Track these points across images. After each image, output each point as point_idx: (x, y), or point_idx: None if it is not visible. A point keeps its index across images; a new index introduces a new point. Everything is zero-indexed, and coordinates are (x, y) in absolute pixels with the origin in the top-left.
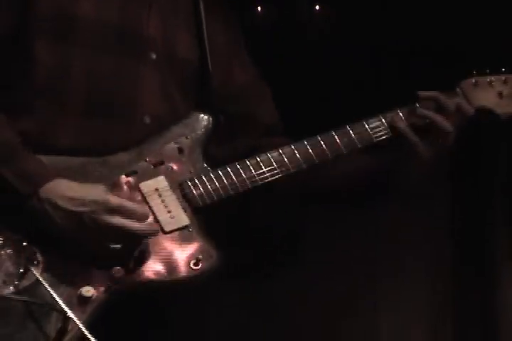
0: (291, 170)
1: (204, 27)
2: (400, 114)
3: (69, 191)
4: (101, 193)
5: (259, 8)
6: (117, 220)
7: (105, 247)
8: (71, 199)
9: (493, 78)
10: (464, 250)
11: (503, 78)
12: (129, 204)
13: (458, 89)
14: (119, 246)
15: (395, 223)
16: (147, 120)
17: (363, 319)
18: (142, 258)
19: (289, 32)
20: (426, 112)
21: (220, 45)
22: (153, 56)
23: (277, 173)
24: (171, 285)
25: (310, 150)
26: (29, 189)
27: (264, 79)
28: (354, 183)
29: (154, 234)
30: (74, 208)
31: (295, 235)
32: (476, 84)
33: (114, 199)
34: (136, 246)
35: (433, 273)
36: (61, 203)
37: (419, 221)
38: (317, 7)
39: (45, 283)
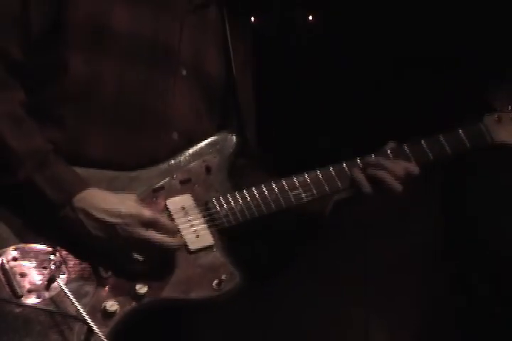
0: (316, 195)
1: (230, 43)
2: (359, 162)
3: (104, 201)
4: (135, 206)
5: (252, 19)
6: (149, 233)
7: (133, 259)
8: (106, 210)
9: None
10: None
11: None
12: (162, 218)
13: (481, 124)
14: (146, 258)
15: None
16: (175, 136)
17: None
18: (166, 276)
19: (282, 43)
20: (377, 173)
21: (240, 59)
22: (184, 72)
23: (302, 197)
24: (193, 304)
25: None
26: (63, 197)
27: None
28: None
29: (181, 250)
30: (108, 219)
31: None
32: (499, 120)
33: (148, 213)
34: (163, 260)
35: (425, 301)
36: (96, 213)
37: (409, 243)
38: (310, 17)
39: (70, 295)
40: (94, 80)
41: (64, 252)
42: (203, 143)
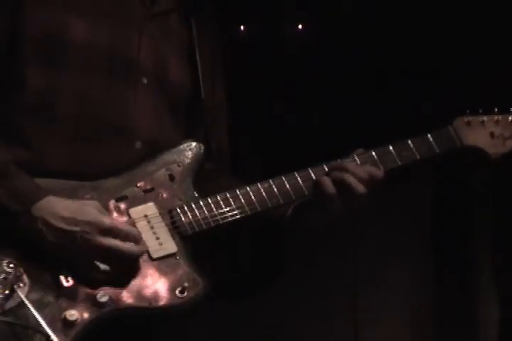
0: (282, 202)
1: (197, 51)
2: (325, 167)
3: (62, 209)
4: (94, 213)
5: (242, 27)
6: (108, 241)
7: (94, 267)
8: (64, 218)
9: (485, 118)
10: (445, 274)
11: (496, 119)
12: (121, 225)
13: (450, 127)
14: (107, 267)
15: (376, 247)
16: (138, 145)
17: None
18: (128, 284)
19: (271, 51)
20: (340, 175)
21: (208, 67)
22: (145, 81)
23: (267, 203)
24: (156, 312)
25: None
26: (21, 207)
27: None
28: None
29: (143, 255)
30: (66, 227)
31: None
32: (468, 124)
33: (107, 220)
34: (125, 268)
35: (414, 297)
36: (54, 222)
37: (400, 243)
38: (300, 26)
39: (30, 306)
40: (53, 93)
41: (25, 262)
42: (167, 152)
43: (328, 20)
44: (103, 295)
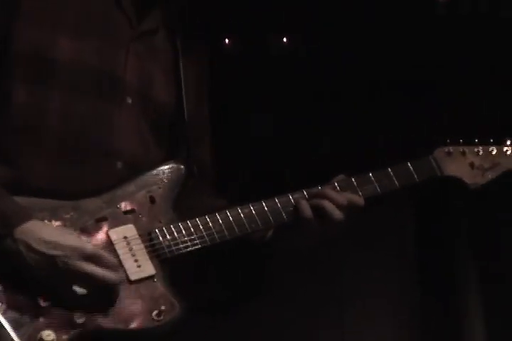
0: (261, 226)
1: (181, 69)
2: (305, 193)
3: (44, 233)
4: (77, 238)
5: (226, 41)
6: (89, 267)
7: (72, 291)
8: (46, 242)
9: (466, 149)
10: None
11: (476, 150)
12: (103, 253)
13: (431, 157)
14: (85, 291)
15: (361, 264)
16: (119, 165)
17: None
18: (105, 306)
19: (256, 65)
20: (318, 201)
21: (192, 85)
22: (129, 100)
23: (246, 228)
24: (132, 334)
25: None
26: (5, 229)
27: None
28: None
29: (122, 283)
30: (47, 251)
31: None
32: (449, 154)
33: (90, 247)
34: (103, 293)
35: (400, 321)
36: (35, 245)
37: (384, 261)
38: (284, 39)
39: (6, 325)
40: (39, 112)
41: (2, 281)
42: (148, 173)
43: (314, 34)
44: (80, 316)
